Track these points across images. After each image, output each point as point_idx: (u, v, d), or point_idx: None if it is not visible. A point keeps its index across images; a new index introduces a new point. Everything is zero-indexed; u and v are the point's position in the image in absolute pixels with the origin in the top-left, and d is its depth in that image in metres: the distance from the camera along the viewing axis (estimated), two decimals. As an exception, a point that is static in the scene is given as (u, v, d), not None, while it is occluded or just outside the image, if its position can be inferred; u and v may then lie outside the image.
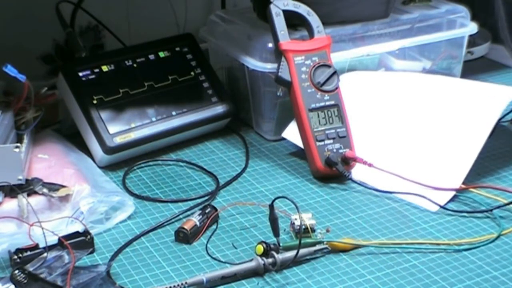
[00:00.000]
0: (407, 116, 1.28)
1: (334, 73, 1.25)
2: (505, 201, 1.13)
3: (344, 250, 1.04)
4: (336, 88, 1.25)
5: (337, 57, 1.32)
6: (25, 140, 1.18)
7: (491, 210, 1.12)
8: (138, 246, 1.06)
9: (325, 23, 1.29)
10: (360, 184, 1.20)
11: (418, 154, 1.23)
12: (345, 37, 1.36)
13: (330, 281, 0.98)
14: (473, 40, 1.62)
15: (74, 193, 1.10)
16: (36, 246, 1.00)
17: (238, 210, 1.14)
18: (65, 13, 1.45)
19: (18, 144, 1.10)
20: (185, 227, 1.06)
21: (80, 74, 1.29)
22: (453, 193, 1.16)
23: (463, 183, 1.17)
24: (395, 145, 1.25)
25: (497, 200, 1.15)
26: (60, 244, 1.00)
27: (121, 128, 1.26)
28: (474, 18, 1.48)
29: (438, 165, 1.20)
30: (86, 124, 1.26)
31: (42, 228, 1.00)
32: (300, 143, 1.26)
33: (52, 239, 1.00)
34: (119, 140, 1.25)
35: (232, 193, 1.20)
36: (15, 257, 0.99)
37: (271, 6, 1.26)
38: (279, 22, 1.25)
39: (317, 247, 1.02)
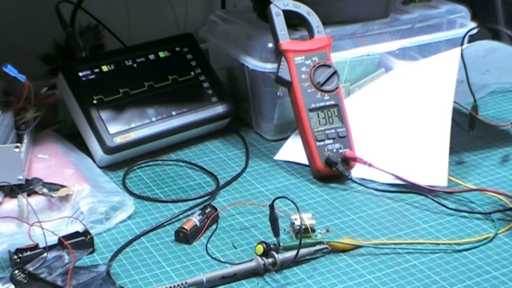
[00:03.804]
0: (391, 113, 1.29)
1: (334, 73, 1.25)
2: (505, 200, 1.14)
3: (344, 250, 1.04)
4: (336, 88, 1.25)
5: (337, 57, 1.32)
6: (25, 140, 1.17)
7: (489, 213, 1.12)
8: (138, 246, 1.06)
9: (325, 23, 1.29)
10: (360, 184, 1.20)
11: (405, 149, 1.23)
12: (345, 37, 1.36)
13: (330, 281, 0.98)
14: (473, 40, 1.61)
15: (74, 193, 1.10)
16: (36, 246, 1.00)
17: (238, 210, 1.14)
18: (65, 13, 1.45)
19: (18, 144, 1.10)
20: (185, 227, 1.06)
21: (80, 74, 1.29)
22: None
23: (462, 181, 1.17)
24: (388, 144, 1.25)
25: (497, 200, 1.15)
26: (60, 244, 1.00)
27: (121, 128, 1.26)
28: (474, 18, 1.48)
29: (423, 155, 1.20)
30: (86, 124, 1.26)
31: (42, 228, 1.00)
32: (297, 159, 1.26)
33: (52, 239, 1.00)
34: (119, 140, 1.25)
35: (232, 193, 1.19)
36: (15, 257, 0.98)
37: (271, 6, 1.26)
38: (279, 22, 1.25)
39: (317, 247, 1.02)
